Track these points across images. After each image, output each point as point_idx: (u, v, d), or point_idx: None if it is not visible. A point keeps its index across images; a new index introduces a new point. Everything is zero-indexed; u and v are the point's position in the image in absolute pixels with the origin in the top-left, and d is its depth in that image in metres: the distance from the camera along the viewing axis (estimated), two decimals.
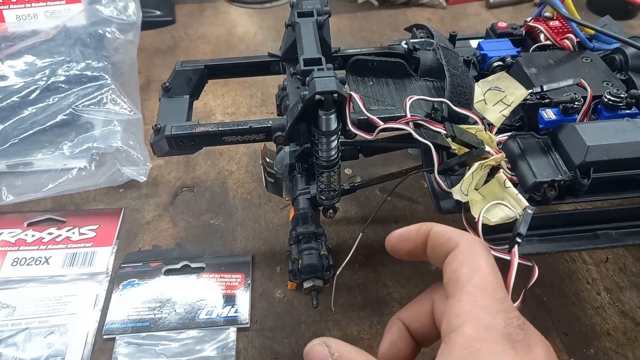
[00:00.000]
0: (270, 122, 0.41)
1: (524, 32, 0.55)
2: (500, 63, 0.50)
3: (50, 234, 0.58)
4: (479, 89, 0.40)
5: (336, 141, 0.39)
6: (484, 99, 0.40)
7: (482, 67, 0.52)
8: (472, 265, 0.25)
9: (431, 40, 0.52)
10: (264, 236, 0.58)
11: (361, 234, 0.43)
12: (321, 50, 0.41)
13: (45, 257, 0.56)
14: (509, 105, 0.39)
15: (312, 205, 0.46)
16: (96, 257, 0.56)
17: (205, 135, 0.41)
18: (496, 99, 0.39)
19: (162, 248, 0.57)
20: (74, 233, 0.58)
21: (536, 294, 0.52)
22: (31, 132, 0.63)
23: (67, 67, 0.67)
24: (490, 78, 0.40)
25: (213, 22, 0.93)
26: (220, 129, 0.41)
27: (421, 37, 0.54)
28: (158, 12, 0.91)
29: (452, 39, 0.55)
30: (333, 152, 0.40)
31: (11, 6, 0.79)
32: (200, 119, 0.73)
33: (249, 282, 0.53)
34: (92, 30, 0.72)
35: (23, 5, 0.80)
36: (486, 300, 0.24)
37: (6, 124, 0.63)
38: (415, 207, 0.61)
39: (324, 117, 0.37)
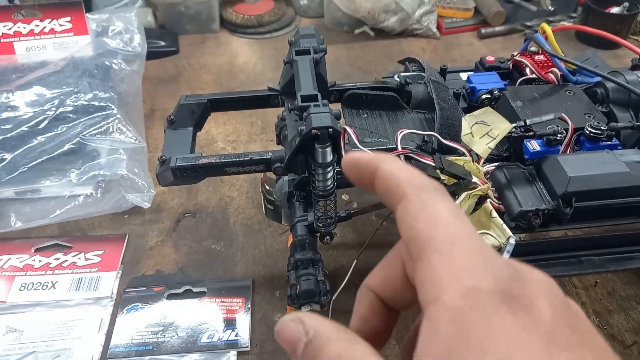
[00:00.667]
0: (270, 154, 0.43)
1: (510, 65, 0.58)
2: (488, 96, 0.53)
3: (57, 259, 0.60)
4: (466, 122, 0.43)
5: (332, 172, 0.42)
6: (471, 132, 0.42)
7: (472, 99, 0.55)
8: (428, 216, 0.20)
9: (423, 74, 0.54)
10: (264, 261, 0.60)
11: (356, 260, 0.45)
12: (317, 85, 0.44)
13: (51, 282, 0.58)
14: (494, 138, 0.41)
15: (310, 232, 0.48)
16: (101, 282, 0.58)
17: (208, 166, 0.43)
18: (482, 132, 0.42)
19: (165, 273, 0.59)
20: (79, 258, 0.60)
21: None
22: (40, 160, 0.65)
23: (75, 97, 0.70)
24: (476, 112, 0.43)
25: (215, 52, 0.96)
26: (222, 160, 0.43)
27: (413, 70, 0.57)
28: (162, 43, 0.94)
29: (443, 72, 0.58)
30: (329, 183, 0.42)
31: (21, 38, 0.83)
32: (203, 147, 0.76)
33: (249, 306, 0.55)
34: (99, 62, 0.75)
35: (33, 37, 0.83)
36: (462, 254, 0.19)
37: (16, 153, 0.65)
38: None
39: (320, 150, 0.39)
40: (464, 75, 0.59)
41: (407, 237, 0.20)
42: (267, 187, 0.55)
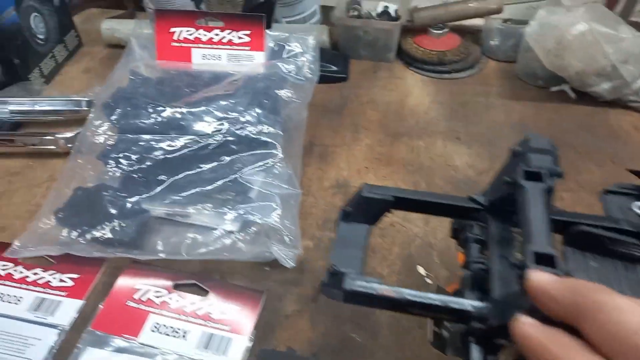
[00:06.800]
0: (471, 308, 0.34)
1: None
2: None
3: (192, 303, 0.57)
4: None
5: None
6: None
7: None
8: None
9: None
10: None
11: None
12: None
13: (183, 331, 0.55)
14: None
15: None
16: (231, 345, 0.53)
17: (387, 299, 0.35)
18: None
19: (296, 353, 0.53)
20: (214, 310, 0.56)
21: None
22: (196, 190, 0.63)
23: (241, 127, 0.67)
24: None
25: (385, 86, 0.88)
26: (405, 297, 0.35)
27: None
28: (334, 68, 0.88)
29: None
30: None
31: (200, 45, 0.82)
32: None
33: None
34: (270, 92, 0.71)
35: (210, 46, 0.82)
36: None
37: (177, 177, 0.64)
38: None
39: None
40: None
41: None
42: None
